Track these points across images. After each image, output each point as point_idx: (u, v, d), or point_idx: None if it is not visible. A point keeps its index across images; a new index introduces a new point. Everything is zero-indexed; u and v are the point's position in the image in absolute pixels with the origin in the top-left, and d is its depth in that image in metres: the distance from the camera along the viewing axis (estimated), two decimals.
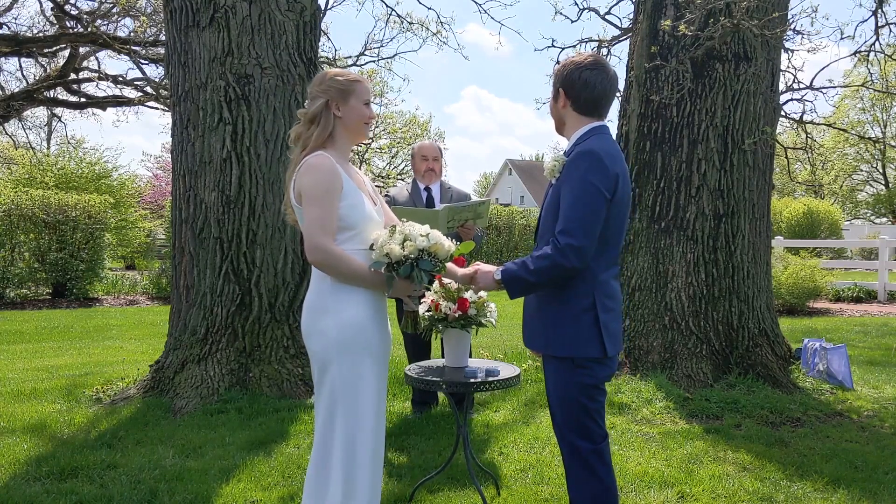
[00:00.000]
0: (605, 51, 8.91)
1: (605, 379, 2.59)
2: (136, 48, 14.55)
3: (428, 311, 3.28)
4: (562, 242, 2.40)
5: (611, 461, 2.60)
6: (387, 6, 11.93)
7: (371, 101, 2.69)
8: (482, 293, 3.25)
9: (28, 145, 25.79)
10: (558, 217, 2.46)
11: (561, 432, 2.59)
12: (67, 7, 15.77)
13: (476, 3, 10.51)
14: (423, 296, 2.85)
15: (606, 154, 2.46)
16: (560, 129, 2.72)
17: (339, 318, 2.49)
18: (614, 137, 2.97)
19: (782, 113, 6.69)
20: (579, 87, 2.58)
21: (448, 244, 2.56)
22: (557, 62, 10.99)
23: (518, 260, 2.57)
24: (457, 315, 3.24)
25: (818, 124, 7.82)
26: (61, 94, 18.35)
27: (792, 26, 6.09)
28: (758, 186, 6.14)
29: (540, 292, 2.58)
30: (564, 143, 2.72)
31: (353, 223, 2.53)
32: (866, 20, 11.74)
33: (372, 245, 2.54)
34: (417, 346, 4.95)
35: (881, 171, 36.24)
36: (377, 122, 21.81)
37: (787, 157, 8.18)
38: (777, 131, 6.61)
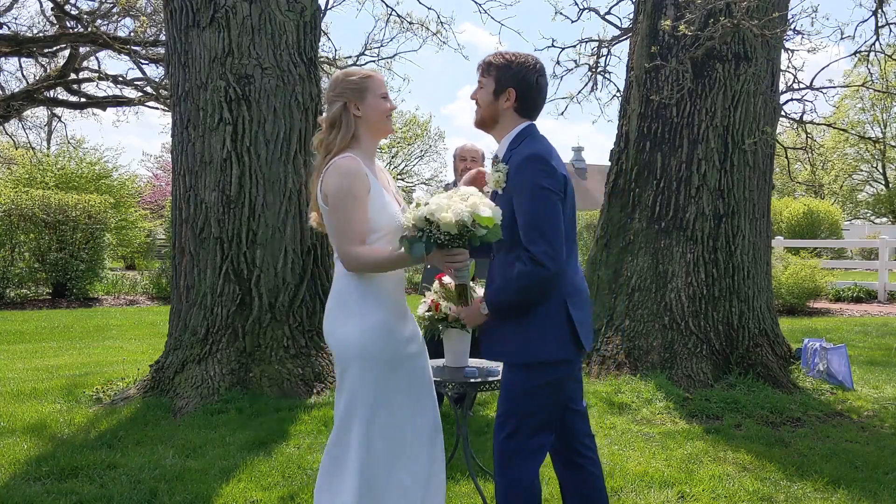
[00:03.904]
0: (604, 51, 8.91)
1: (574, 375, 2.62)
2: (136, 48, 14.51)
3: (428, 311, 3.28)
4: (535, 252, 2.36)
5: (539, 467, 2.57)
6: (387, 6, 11.85)
7: (388, 93, 2.60)
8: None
9: (28, 145, 25.70)
10: (514, 227, 2.42)
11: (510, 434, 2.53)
12: (67, 7, 15.74)
13: (476, 2, 10.51)
14: (467, 266, 2.66)
15: (550, 156, 2.45)
16: (486, 123, 2.62)
17: (363, 322, 2.46)
18: (614, 137, 2.97)
19: (782, 113, 6.70)
20: (534, 92, 2.56)
21: (492, 211, 2.36)
22: (558, 62, 11.01)
23: (493, 286, 2.52)
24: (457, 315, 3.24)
25: (818, 124, 7.83)
26: (61, 94, 18.31)
27: (792, 26, 6.10)
28: (758, 186, 6.14)
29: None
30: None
31: (380, 225, 2.48)
32: (866, 20, 11.73)
33: (417, 204, 2.36)
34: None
35: (881, 171, 36.20)
36: None
37: (787, 157, 8.19)
38: (777, 131, 6.62)
